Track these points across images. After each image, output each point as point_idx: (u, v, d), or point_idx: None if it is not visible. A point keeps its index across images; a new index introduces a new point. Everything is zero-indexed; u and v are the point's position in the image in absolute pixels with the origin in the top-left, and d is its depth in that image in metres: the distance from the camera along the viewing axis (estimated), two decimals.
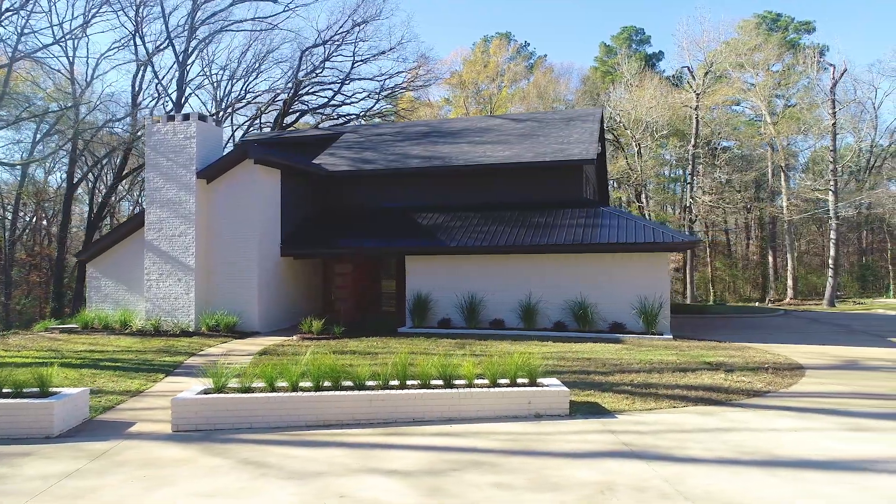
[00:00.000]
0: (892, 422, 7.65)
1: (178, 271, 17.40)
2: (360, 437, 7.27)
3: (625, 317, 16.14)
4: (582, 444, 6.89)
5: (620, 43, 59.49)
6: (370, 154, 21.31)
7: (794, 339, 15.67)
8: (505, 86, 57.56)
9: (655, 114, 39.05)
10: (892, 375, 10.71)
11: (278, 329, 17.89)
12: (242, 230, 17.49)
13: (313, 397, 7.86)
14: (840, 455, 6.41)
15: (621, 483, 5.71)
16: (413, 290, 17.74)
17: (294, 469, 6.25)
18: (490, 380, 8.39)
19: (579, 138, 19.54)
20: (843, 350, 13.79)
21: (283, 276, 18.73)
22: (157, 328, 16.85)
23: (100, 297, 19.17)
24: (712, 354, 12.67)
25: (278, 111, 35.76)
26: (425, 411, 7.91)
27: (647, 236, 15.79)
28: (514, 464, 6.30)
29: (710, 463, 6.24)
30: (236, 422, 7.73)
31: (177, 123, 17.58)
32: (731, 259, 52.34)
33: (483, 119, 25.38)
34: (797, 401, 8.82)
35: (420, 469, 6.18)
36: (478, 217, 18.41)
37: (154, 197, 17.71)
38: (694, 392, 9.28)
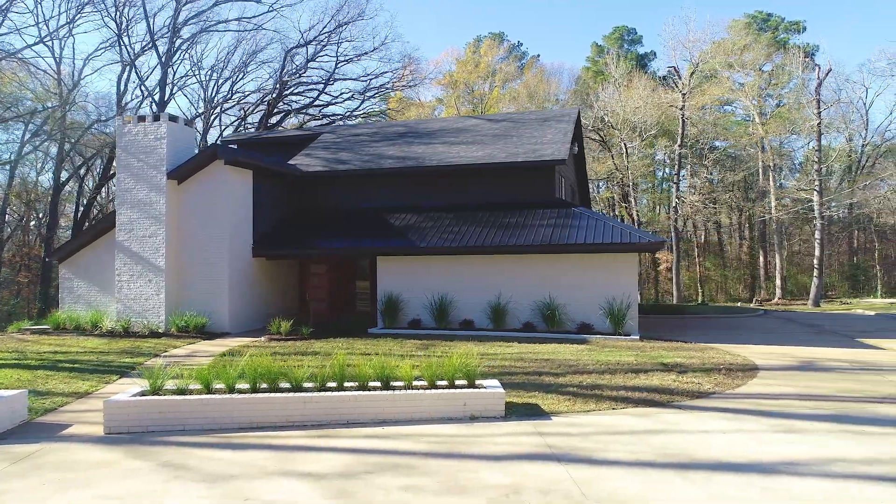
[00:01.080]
0: (824, 423, 7.64)
1: (149, 272, 17.38)
2: (288, 440, 7.26)
3: (593, 317, 16.12)
4: (507, 447, 6.88)
5: (612, 43, 59.45)
6: (345, 154, 21.30)
7: (762, 340, 15.66)
8: (497, 86, 57.52)
9: (643, 114, 39.02)
10: (843, 376, 10.69)
11: (250, 330, 17.88)
12: (213, 231, 17.48)
13: (247, 399, 7.85)
14: (761, 457, 6.40)
15: (530, 486, 5.70)
16: (384, 290, 17.73)
17: (210, 472, 6.24)
18: (428, 381, 8.37)
19: (553, 139, 19.53)
20: (804, 350, 13.77)
21: (256, 277, 18.72)
22: (126, 329, 16.84)
23: (73, 297, 19.16)
24: (672, 355, 12.66)
25: (263, 112, 35.74)
26: (360, 413, 7.90)
27: (613, 237, 15.78)
28: (432, 466, 6.28)
29: (628, 465, 6.23)
30: (169, 424, 7.72)
31: (147, 124, 17.56)
32: (723, 259, 52.32)
33: (460, 119, 25.37)
34: (739, 402, 8.81)
35: (335, 472, 6.17)
36: (450, 217, 18.41)
37: (125, 198, 17.69)
38: (638, 393, 9.26)
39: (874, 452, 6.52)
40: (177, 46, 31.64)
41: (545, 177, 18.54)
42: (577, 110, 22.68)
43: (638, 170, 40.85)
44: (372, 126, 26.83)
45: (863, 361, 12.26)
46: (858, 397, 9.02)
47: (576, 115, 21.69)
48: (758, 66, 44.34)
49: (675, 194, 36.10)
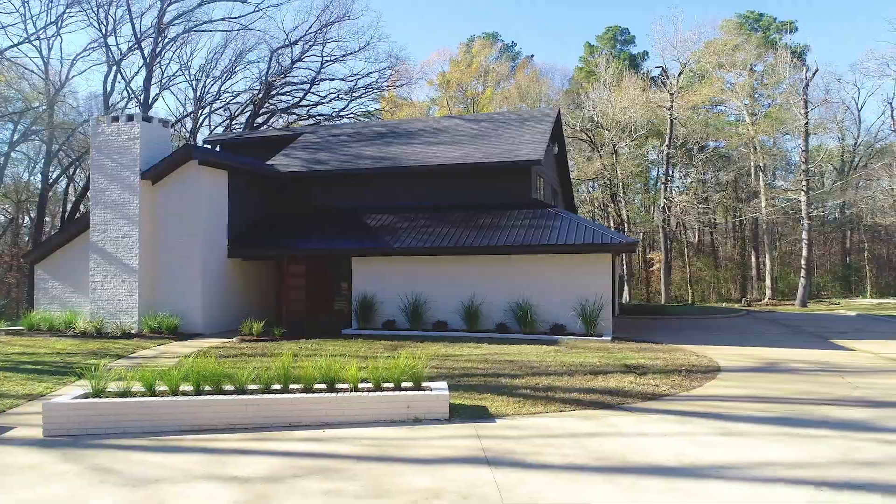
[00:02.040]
0: (768, 426, 7.58)
1: (123, 273, 17.33)
2: (224, 443, 7.21)
3: (566, 318, 16.07)
4: (441, 450, 6.82)
5: (605, 43, 59.43)
6: (324, 155, 21.25)
7: (735, 341, 15.61)
8: (490, 86, 57.48)
9: (632, 114, 38.96)
10: (803, 378, 10.64)
11: (224, 331, 17.82)
12: (187, 231, 17.43)
13: (187, 402, 7.80)
14: (694, 461, 6.35)
15: (451, 490, 5.64)
16: (359, 291, 17.68)
17: (136, 475, 6.18)
18: (374, 384, 8.32)
19: (531, 139, 19.47)
20: (773, 352, 13.73)
21: (231, 278, 18.66)
22: (99, 330, 16.78)
23: (48, 298, 19.12)
24: (637, 357, 12.61)
25: (250, 112, 35.68)
26: (302, 416, 7.84)
27: (585, 237, 15.73)
28: (360, 470, 6.23)
29: (557, 469, 6.17)
30: (109, 427, 7.66)
31: (121, 124, 17.51)
32: (715, 259, 52.25)
33: (440, 120, 25.31)
34: (690, 405, 8.76)
35: (261, 476, 6.11)
36: (425, 218, 18.35)
37: (99, 198, 17.64)
38: (591, 395, 9.21)
39: (808, 456, 6.46)
40: (162, 47, 31.58)
41: (521, 177, 18.48)
42: (558, 110, 22.61)
43: (628, 170, 40.78)
44: (353, 126, 26.77)
45: (827, 363, 12.21)
46: (811, 399, 8.97)
47: (555, 116, 21.63)
48: (749, 66, 44.31)
49: (664, 194, 36.04)
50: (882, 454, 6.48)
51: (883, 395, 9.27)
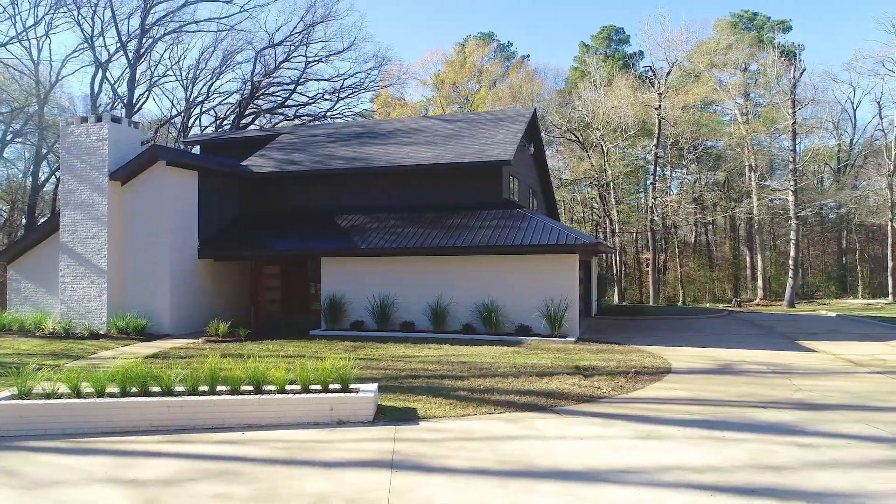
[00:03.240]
0: (692, 429, 7.51)
1: (92, 273, 17.36)
2: (140, 445, 7.18)
3: (531, 319, 16.00)
4: (351, 453, 6.78)
5: (600, 42, 59.25)
6: (298, 155, 21.24)
7: (700, 342, 15.51)
8: (483, 86, 57.42)
9: (622, 114, 38.82)
10: (751, 380, 10.54)
11: (193, 332, 17.80)
12: (155, 232, 17.44)
13: (110, 404, 7.78)
14: (598, 465, 6.28)
15: (341, 494, 5.60)
16: (328, 291, 17.66)
17: (36, 478, 6.17)
18: (302, 386, 8.28)
19: (503, 139, 19.40)
20: (732, 353, 13.63)
21: (202, 279, 18.66)
22: (67, 331, 16.79)
23: (20, 298, 19.17)
24: (592, 358, 12.54)
25: (236, 113, 35.74)
26: (226, 418, 7.82)
27: (550, 238, 15.65)
28: (261, 473, 6.19)
29: (457, 473, 6.12)
30: (32, 428, 7.66)
31: (90, 125, 17.53)
32: (710, 259, 52.01)
33: (416, 120, 25.26)
34: (622, 407, 8.69)
35: (160, 479, 6.08)
36: (396, 218, 18.31)
37: (69, 199, 17.67)
38: (528, 397, 9.15)
39: (717, 460, 6.39)
40: (146, 48, 31.65)
41: (493, 177, 18.42)
42: (533, 110, 22.52)
43: (618, 170, 40.64)
44: (331, 127, 26.73)
45: (782, 364, 12.10)
46: (748, 402, 8.88)
47: (529, 116, 21.53)
48: (741, 65, 44.12)
49: (651, 194, 35.89)
50: (793, 458, 6.40)
51: (822, 397, 9.18)
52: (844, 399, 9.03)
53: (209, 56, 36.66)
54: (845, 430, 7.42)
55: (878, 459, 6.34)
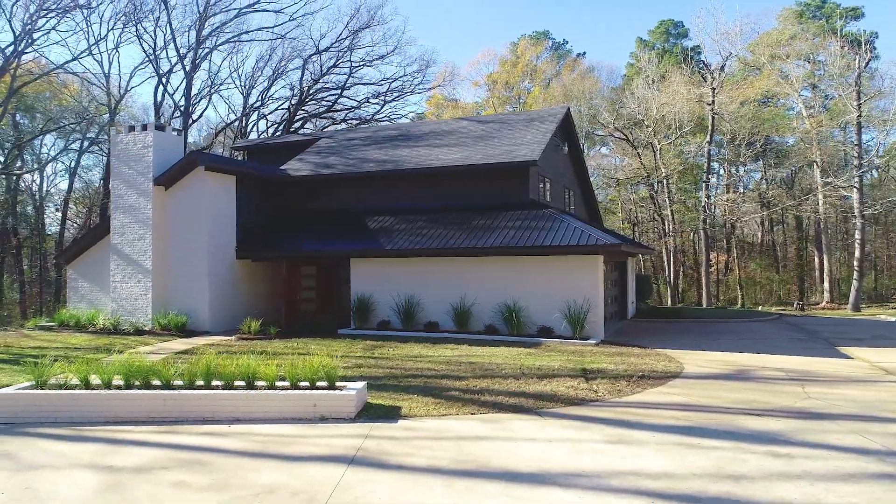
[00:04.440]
0: (668, 435, 7.33)
1: (138, 273, 18.43)
2: (131, 435, 7.66)
3: (553, 321, 15.86)
4: (319, 448, 7.01)
5: (657, 37, 57.68)
6: (334, 159, 21.80)
7: (728, 347, 14.94)
8: (537, 85, 57.03)
9: (672, 109, 37.66)
10: (760, 386, 10.12)
11: (230, 329, 18.60)
12: (195, 234, 18.33)
13: (112, 395, 8.33)
14: (552, 468, 6.26)
15: (289, 487, 5.84)
16: (357, 292, 18.07)
17: (28, 461, 6.72)
18: (291, 382, 8.60)
19: (532, 139, 19.29)
20: (757, 358, 13.07)
21: (240, 278, 19.46)
22: (115, 327, 17.92)
23: (77, 296, 20.55)
24: (605, 361, 12.34)
25: (286, 118, 36.95)
26: (216, 411, 8.22)
27: (572, 239, 15.46)
28: (227, 465, 6.51)
29: (410, 471, 6.25)
30: (43, 416, 8.30)
31: (136, 133, 18.62)
32: (776, 260, 49.68)
33: (450, 122, 25.37)
34: (608, 411, 8.55)
35: (134, 466, 6.50)
36: (424, 219, 18.53)
37: (118, 203, 18.83)
38: (516, 399, 9.15)
39: (679, 467, 6.24)
40: (200, 58, 33.21)
41: (519, 178, 18.34)
42: (566, 109, 22.22)
43: (671, 168, 39.41)
44: (368, 130, 27.24)
45: (804, 371, 11.54)
46: (745, 409, 8.56)
47: (562, 115, 21.28)
48: (808, 56, 41.97)
49: (705, 192, 34.65)
50: (759, 468, 6.18)
51: (827, 406, 8.73)
52: (850, 409, 8.56)
53: (264, 64, 38.08)
54: (834, 440, 7.07)
55: (851, 472, 6.03)
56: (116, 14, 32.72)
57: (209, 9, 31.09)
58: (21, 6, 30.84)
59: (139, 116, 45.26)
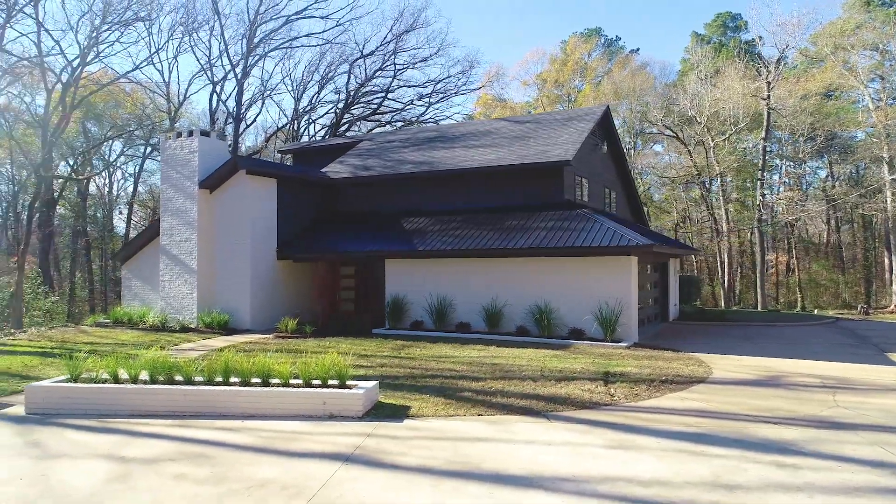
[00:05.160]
0: (673, 441, 7.15)
1: (185, 273, 19.24)
2: (151, 428, 8.05)
3: (585, 322, 15.65)
4: (322, 445, 7.19)
5: (714, 31, 55.91)
6: (372, 161, 22.14)
7: (766, 351, 14.36)
8: (587, 84, 56.22)
9: (726, 105, 36.40)
10: (788, 394, 9.70)
11: (270, 327, 19.15)
12: (237, 235, 18.99)
13: (136, 390, 8.76)
14: (542, 471, 6.22)
15: (280, 481, 6.02)
16: (391, 292, 18.30)
17: (50, 450, 7.16)
18: (304, 380, 8.83)
19: (568, 139, 19.06)
20: (793, 364, 12.52)
21: (281, 279, 20.02)
22: (163, 324, 18.76)
23: (131, 295, 21.61)
24: (630, 364, 12.10)
25: (333, 121, 37.73)
26: (231, 407, 8.53)
27: (603, 240, 15.21)
28: (228, 459, 6.77)
29: (401, 470, 6.33)
30: (75, 408, 8.82)
31: (183, 139, 19.45)
32: (842, 261, 47.27)
33: (487, 123, 25.29)
34: (618, 415, 8.40)
35: (145, 457, 6.84)
36: (458, 220, 18.60)
37: (167, 206, 19.70)
38: (527, 401, 9.10)
39: (674, 474, 6.09)
40: (251, 65, 34.35)
41: (553, 178, 18.16)
42: (605, 108, 21.83)
43: (725, 165, 38.06)
44: (408, 132, 27.48)
45: (841, 378, 10.98)
46: (764, 416, 8.24)
47: (600, 114, 20.91)
48: (874, 46, 39.74)
49: (760, 190, 33.33)
50: (758, 479, 5.96)
51: (855, 415, 8.30)
52: (879, 419, 8.11)
53: (314, 69, 39.04)
54: (849, 452, 6.73)
55: (857, 486, 5.74)
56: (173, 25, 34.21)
57: (258, 17, 32.12)
58: (86, 20, 32.68)
59: (197, 122, 47.22)
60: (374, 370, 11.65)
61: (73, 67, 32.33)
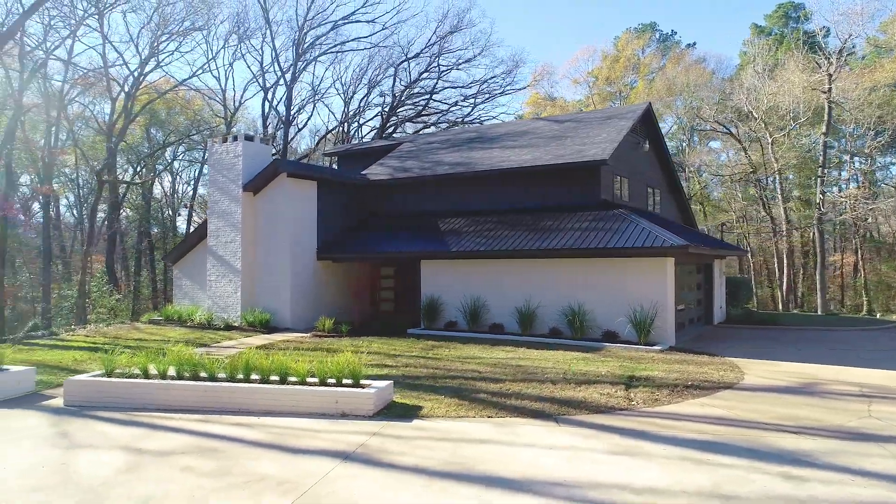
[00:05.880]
0: (681, 449, 6.95)
1: (230, 273, 19.94)
2: (173, 422, 8.41)
3: (618, 325, 15.35)
4: (327, 443, 7.35)
5: (775, 22, 53.70)
6: (411, 162, 22.34)
7: (810, 357, 13.70)
8: (640, 80, 55.00)
9: (789, 99, 34.87)
10: (819, 402, 9.25)
11: (310, 326, 19.60)
12: (279, 236, 19.54)
13: (162, 385, 9.18)
14: (538, 475, 6.18)
15: (278, 477, 6.20)
16: (426, 292, 18.44)
17: (76, 441, 7.60)
18: (320, 379, 9.03)
19: (606, 138, 18.72)
20: (836, 371, 11.91)
21: (320, 278, 20.46)
22: (209, 322, 19.50)
23: (181, 294, 22.54)
24: (660, 368, 11.81)
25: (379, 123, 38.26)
26: (250, 403, 8.82)
27: (637, 241, 14.88)
28: (236, 453, 7.01)
29: (397, 469, 6.41)
30: (108, 401, 9.31)
31: (228, 144, 20.15)
32: None
33: (526, 122, 25.05)
34: (630, 420, 8.22)
35: (157, 450, 7.16)
36: (493, 221, 18.56)
37: (214, 209, 20.47)
38: (541, 404, 9.02)
39: (673, 483, 5.94)
40: (299, 70, 35.23)
41: (589, 177, 17.88)
42: (647, 105, 21.28)
43: (784, 162, 36.51)
44: (447, 133, 27.54)
45: (886, 388, 10.36)
46: (786, 425, 7.90)
47: (641, 112, 20.42)
48: None
49: (819, 188, 31.79)
50: (760, 490, 5.74)
51: (886, 427, 7.84)
52: None
53: (361, 73, 39.72)
54: (867, 465, 6.39)
55: (863, 501, 5.45)
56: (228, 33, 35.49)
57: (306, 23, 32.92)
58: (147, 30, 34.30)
59: (253, 127, 48.81)
60: (398, 370, 11.79)
61: (134, 77, 33.97)
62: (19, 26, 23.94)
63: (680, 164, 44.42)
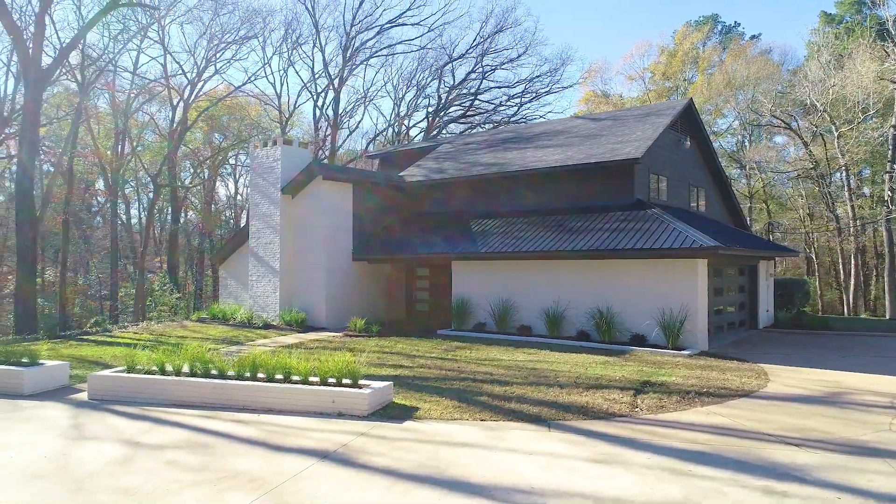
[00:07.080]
0: (663, 458, 6.72)
1: (269, 274, 20.58)
2: (179, 417, 8.78)
3: (647, 328, 14.92)
4: (313, 442, 7.50)
5: (846, 9, 50.63)
6: (448, 163, 22.40)
7: (850, 366, 12.90)
8: (700, 74, 53.19)
9: (857, 90, 32.87)
10: (841, 413, 8.71)
11: (344, 326, 19.97)
12: (314, 238, 20.01)
13: (174, 381, 9.59)
14: (506, 481, 6.12)
15: (253, 473, 6.39)
16: (457, 294, 18.47)
17: (87, 433, 8.06)
18: (321, 378, 9.22)
19: (641, 135, 18.21)
20: (874, 380, 11.17)
21: (355, 279, 20.81)
22: (249, 321, 20.19)
23: (226, 293, 23.42)
24: (679, 374, 11.43)
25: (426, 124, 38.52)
26: (253, 401, 9.11)
27: (666, 242, 14.41)
28: (223, 449, 7.26)
29: (369, 470, 6.49)
30: (126, 396, 9.82)
31: (268, 148, 20.79)
32: None
33: (563, 121, 24.59)
34: (623, 428, 7.99)
35: (155, 443, 7.51)
36: (524, 222, 18.39)
37: (255, 211, 21.17)
38: (540, 408, 8.90)
39: (643, 493, 5.76)
40: (346, 75, 35.94)
41: (623, 177, 17.45)
42: (688, 101, 20.50)
43: (850, 157, 34.42)
44: (485, 134, 27.39)
45: None
46: (789, 438, 7.50)
47: (681, 108, 19.69)
48: None
49: (889, 184, 29.84)
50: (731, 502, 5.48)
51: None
52: None
53: (410, 75, 40.15)
54: (862, 482, 5.99)
55: None
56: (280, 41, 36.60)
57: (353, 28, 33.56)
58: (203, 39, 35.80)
59: (308, 132, 50.12)
60: (412, 371, 11.88)
61: (192, 85, 35.52)
62: (79, 40, 25.44)
63: (739, 161, 42.66)
